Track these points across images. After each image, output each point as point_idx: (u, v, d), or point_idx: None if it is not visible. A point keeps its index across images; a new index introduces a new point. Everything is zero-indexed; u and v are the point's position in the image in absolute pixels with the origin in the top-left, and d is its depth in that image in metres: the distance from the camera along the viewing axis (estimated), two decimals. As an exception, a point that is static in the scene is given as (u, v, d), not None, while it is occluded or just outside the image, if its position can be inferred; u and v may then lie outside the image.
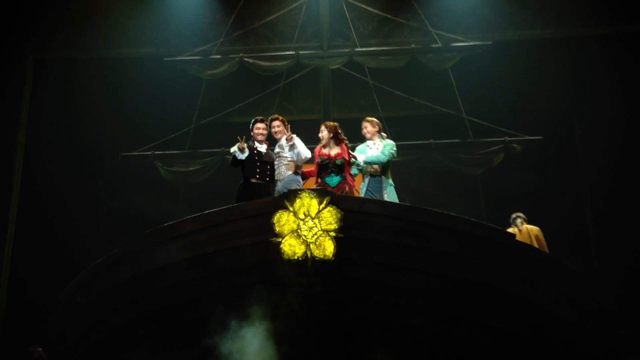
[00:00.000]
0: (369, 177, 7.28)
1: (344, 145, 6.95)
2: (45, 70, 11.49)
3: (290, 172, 6.87)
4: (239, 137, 6.90)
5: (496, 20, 11.00)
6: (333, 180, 6.81)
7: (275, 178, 6.93)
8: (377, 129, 7.40)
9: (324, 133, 7.01)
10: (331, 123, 7.14)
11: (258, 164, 6.94)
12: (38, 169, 11.11)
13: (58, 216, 11.10)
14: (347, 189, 6.79)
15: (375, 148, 7.30)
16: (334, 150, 6.92)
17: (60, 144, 11.39)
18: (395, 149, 7.38)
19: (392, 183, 7.41)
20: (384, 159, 7.24)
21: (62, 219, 11.13)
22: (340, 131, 7.00)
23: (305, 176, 7.11)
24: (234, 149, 6.95)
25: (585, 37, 10.79)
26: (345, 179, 6.85)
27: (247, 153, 6.87)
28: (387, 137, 7.56)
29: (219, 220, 5.83)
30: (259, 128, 7.09)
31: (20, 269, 10.73)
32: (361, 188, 7.34)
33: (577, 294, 6.83)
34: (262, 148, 7.07)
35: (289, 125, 7.04)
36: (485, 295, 6.07)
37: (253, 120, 7.18)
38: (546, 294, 6.45)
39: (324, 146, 6.95)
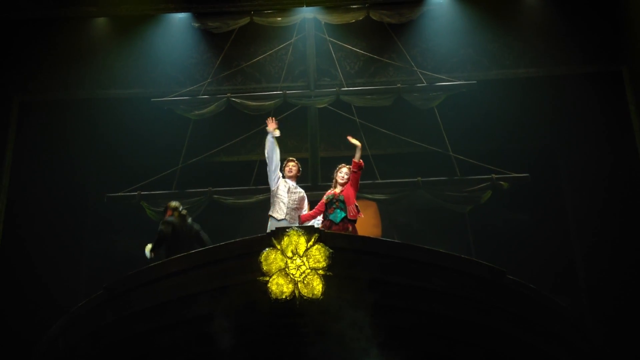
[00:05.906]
0: None
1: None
2: (31, 111, 11.37)
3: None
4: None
5: (480, 60, 11.11)
6: (338, 216, 6.82)
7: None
8: None
9: (344, 174, 7.08)
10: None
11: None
12: (21, 211, 10.91)
13: (41, 259, 10.86)
14: (350, 229, 6.79)
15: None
16: (339, 188, 7.03)
17: (44, 185, 11.22)
18: None
19: None
20: None
21: (45, 261, 10.89)
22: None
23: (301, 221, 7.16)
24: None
25: (569, 76, 10.88)
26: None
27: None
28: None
29: (205, 260, 5.74)
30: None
31: (1, 313, 10.44)
32: None
33: (568, 332, 6.76)
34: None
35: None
36: (475, 334, 5.98)
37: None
38: (537, 332, 6.37)
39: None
